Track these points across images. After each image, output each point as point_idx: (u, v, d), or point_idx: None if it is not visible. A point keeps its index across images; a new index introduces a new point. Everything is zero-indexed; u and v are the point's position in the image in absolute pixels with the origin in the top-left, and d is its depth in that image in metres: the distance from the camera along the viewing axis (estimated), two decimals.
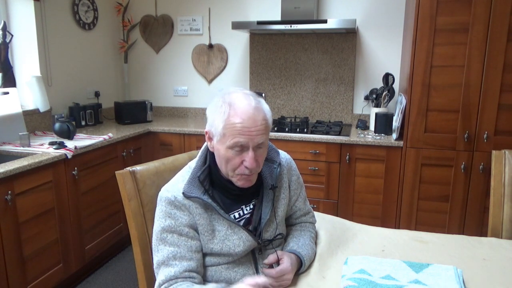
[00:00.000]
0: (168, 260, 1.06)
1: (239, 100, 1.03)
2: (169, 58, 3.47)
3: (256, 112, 1.03)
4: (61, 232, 2.16)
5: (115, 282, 2.42)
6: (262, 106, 1.06)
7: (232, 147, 1.02)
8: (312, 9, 2.81)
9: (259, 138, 1.03)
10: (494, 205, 1.57)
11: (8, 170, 1.77)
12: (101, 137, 2.47)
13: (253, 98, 1.05)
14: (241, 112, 1.01)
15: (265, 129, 1.04)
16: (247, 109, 1.02)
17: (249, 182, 1.09)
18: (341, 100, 3.09)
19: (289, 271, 1.11)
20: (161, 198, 1.11)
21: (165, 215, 1.08)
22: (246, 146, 1.03)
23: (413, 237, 1.40)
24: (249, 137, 1.01)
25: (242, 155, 1.04)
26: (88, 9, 3.10)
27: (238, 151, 1.03)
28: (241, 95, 1.05)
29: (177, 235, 1.07)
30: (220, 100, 1.05)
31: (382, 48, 2.95)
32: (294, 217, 1.32)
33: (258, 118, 1.02)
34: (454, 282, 1.06)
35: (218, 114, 1.04)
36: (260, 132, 1.03)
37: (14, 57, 2.69)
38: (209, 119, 1.07)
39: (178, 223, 1.07)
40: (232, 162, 1.05)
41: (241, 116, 1.01)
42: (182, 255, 1.06)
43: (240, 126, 1.01)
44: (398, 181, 2.50)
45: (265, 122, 1.04)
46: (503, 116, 2.26)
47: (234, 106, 1.02)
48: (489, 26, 2.19)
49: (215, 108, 1.06)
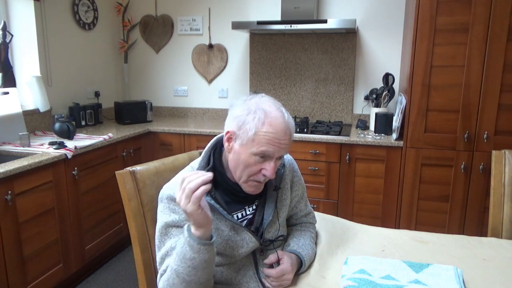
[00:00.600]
0: (171, 250, 1.04)
1: (274, 111, 1.05)
2: (169, 58, 3.47)
3: (287, 126, 1.05)
4: (61, 232, 2.16)
5: (115, 282, 2.42)
6: (290, 121, 1.08)
7: (257, 154, 1.03)
8: (312, 9, 2.81)
9: (284, 151, 1.06)
10: (494, 205, 1.57)
11: (8, 170, 1.77)
12: (101, 137, 2.47)
13: (284, 111, 1.08)
14: (276, 124, 1.03)
15: (290, 143, 1.07)
16: (281, 122, 1.04)
17: (259, 189, 1.10)
18: (341, 100, 3.09)
19: (289, 271, 1.11)
20: (163, 196, 1.10)
21: (169, 210, 1.08)
22: (271, 156, 1.04)
23: (413, 237, 1.40)
24: (277, 148, 1.03)
25: (263, 164, 1.05)
26: (88, 9, 3.10)
27: (261, 159, 1.04)
28: (274, 106, 1.06)
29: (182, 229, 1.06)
30: (254, 105, 1.05)
31: (382, 48, 2.95)
32: (295, 218, 1.32)
33: (287, 132, 1.05)
34: (454, 282, 1.06)
35: (252, 119, 1.03)
36: (286, 146, 1.05)
37: (14, 57, 2.69)
38: (237, 121, 1.05)
39: (182, 218, 1.06)
40: (251, 168, 1.05)
41: (275, 127, 1.03)
42: None
43: (272, 136, 1.02)
44: (398, 181, 2.50)
45: (291, 137, 1.07)
46: (503, 116, 2.26)
47: (269, 115, 1.03)
48: (489, 26, 2.19)
49: (248, 112, 1.04)
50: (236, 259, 1.11)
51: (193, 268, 0.97)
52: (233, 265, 1.12)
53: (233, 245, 1.09)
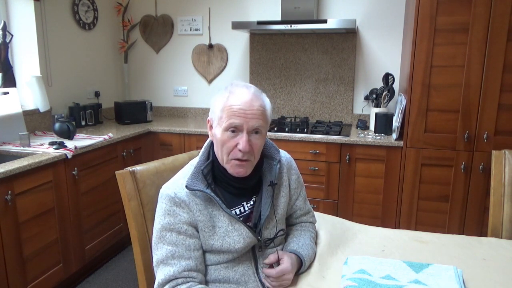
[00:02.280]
0: (167, 259, 1.06)
1: (240, 88, 1.10)
2: (169, 58, 3.47)
3: (254, 98, 1.08)
4: (61, 232, 2.16)
5: (115, 282, 2.42)
6: (261, 96, 1.12)
7: (227, 129, 1.06)
8: (312, 9, 2.81)
9: (254, 122, 1.07)
10: (494, 205, 1.57)
11: (8, 170, 1.77)
12: (101, 137, 2.47)
13: (254, 88, 1.11)
14: (239, 97, 1.07)
15: (261, 115, 1.08)
16: (246, 95, 1.08)
17: (242, 169, 1.09)
18: (341, 100, 3.09)
19: (289, 271, 1.11)
20: (162, 195, 1.11)
21: (164, 212, 1.09)
22: (240, 128, 1.06)
23: (413, 237, 1.40)
24: (244, 119, 1.05)
25: (236, 138, 1.07)
26: (88, 9, 3.10)
27: (233, 134, 1.07)
28: (243, 85, 1.12)
29: (176, 233, 1.08)
30: (223, 90, 1.11)
31: (382, 48, 2.95)
32: (294, 217, 1.32)
33: (255, 104, 1.07)
34: (454, 282, 1.06)
35: (219, 100, 1.10)
36: (255, 116, 1.07)
37: (14, 57, 2.69)
38: (211, 108, 1.13)
39: (177, 221, 1.08)
40: (226, 145, 1.08)
41: (239, 99, 1.07)
42: (180, 254, 1.06)
43: (236, 107, 1.06)
44: (398, 181, 2.50)
45: (262, 108, 1.09)
46: (503, 116, 2.26)
47: (234, 92, 1.08)
48: (489, 26, 2.19)
49: (217, 97, 1.11)
50: (234, 256, 1.11)
51: None
52: (232, 263, 1.12)
53: (230, 241, 1.09)
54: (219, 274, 1.11)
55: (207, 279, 1.13)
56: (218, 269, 1.12)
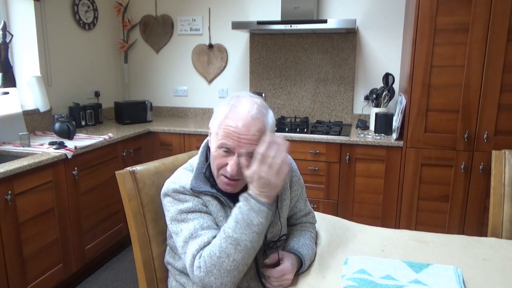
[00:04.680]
0: (196, 232, 1.03)
1: (242, 105, 1.03)
2: (169, 58, 3.47)
3: (252, 122, 1.01)
4: (61, 232, 2.16)
5: (115, 282, 2.42)
6: (263, 118, 1.03)
7: (220, 147, 1.04)
8: (312, 9, 2.81)
9: (247, 147, 1.01)
10: (494, 205, 1.57)
11: (8, 170, 1.77)
12: (101, 137, 2.47)
13: (257, 107, 1.03)
14: (237, 117, 1.01)
15: (257, 140, 1.01)
16: (244, 116, 1.01)
17: (231, 188, 1.08)
18: (341, 100, 3.09)
19: (290, 271, 1.11)
20: (169, 190, 1.10)
21: (181, 199, 1.07)
22: (231, 150, 1.03)
23: (413, 237, 1.40)
24: (237, 143, 1.01)
25: (227, 158, 1.04)
26: (88, 9, 3.10)
27: (224, 153, 1.04)
28: (247, 101, 1.04)
29: (198, 212, 1.06)
30: (227, 99, 1.07)
31: (382, 48, 2.95)
32: (295, 218, 1.32)
33: (252, 128, 1.00)
34: (454, 282, 1.06)
35: (220, 112, 1.05)
36: (249, 142, 1.01)
37: (14, 57, 2.69)
38: (213, 115, 1.09)
39: (195, 203, 1.07)
40: (217, 161, 1.06)
41: (236, 121, 1.01)
42: (209, 224, 1.05)
43: (231, 129, 1.01)
44: (398, 181, 2.50)
45: (258, 133, 1.01)
46: (503, 116, 2.26)
47: (234, 109, 1.03)
48: (489, 26, 2.19)
49: (221, 106, 1.07)
50: None
51: (258, 234, 1.00)
52: None
53: None
54: None
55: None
56: None
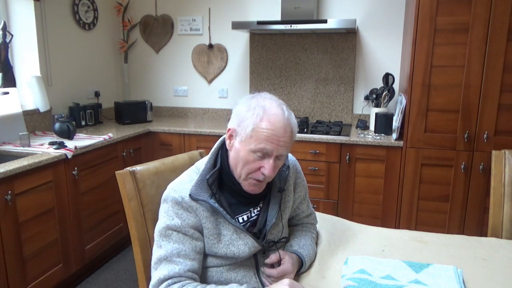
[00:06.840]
0: (171, 257, 1.03)
1: (274, 108, 1.04)
2: (169, 58, 3.47)
3: (287, 123, 1.04)
4: (61, 232, 2.16)
5: (115, 282, 2.42)
6: (292, 119, 1.07)
7: (256, 152, 1.02)
8: (312, 9, 2.81)
9: (284, 150, 1.04)
10: (494, 205, 1.57)
11: (8, 170, 1.77)
12: (101, 137, 2.47)
13: (285, 109, 1.06)
14: (274, 120, 1.02)
15: (290, 142, 1.05)
16: (280, 118, 1.03)
17: (258, 188, 1.09)
18: (341, 100, 3.09)
19: (290, 271, 1.11)
20: (168, 198, 1.09)
21: (170, 214, 1.07)
22: (269, 153, 1.03)
23: (413, 237, 1.40)
24: (276, 146, 1.02)
25: (262, 162, 1.04)
26: (88, 9, 3.10)
27: (260, 157, 1.03)
28: (275, 103, 1.06)
29: (183, 234, 1.06)
30: (254, 102, 1.05)
31: (382, 48, 2.95)
32: (297, 219, 1.32)
33: (287, 129, 1.03)
34: (454, 282, 1.06)
35: (251, 115, 1.03)
36: (286, 144, 1.04)
37: (14, 57, 2.69)
38: (237, 118, 1.06)
39: (184, 224, 1.06)
40: (250, 165, 1.04)
41: (274, 124, 1.01)
42: (187, 253, 1.04)
43: (270, 133, 1.01)
44: (398, 181, 2.50)
45: (292, 135, 1.06)
46: (503, 116, 2.26)
47: (268, 112, 1.02)
48: (489, 26, 2.19)
49: (248, 108, 1.04)
50: (237, 261, 1.11)
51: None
52: (234, 266, 1.12)
53: (235, 250, 1.08)
54: (221, 276, 1.11)
55: (209, 281, 1.12)
56: (220, 271, 1.11)
